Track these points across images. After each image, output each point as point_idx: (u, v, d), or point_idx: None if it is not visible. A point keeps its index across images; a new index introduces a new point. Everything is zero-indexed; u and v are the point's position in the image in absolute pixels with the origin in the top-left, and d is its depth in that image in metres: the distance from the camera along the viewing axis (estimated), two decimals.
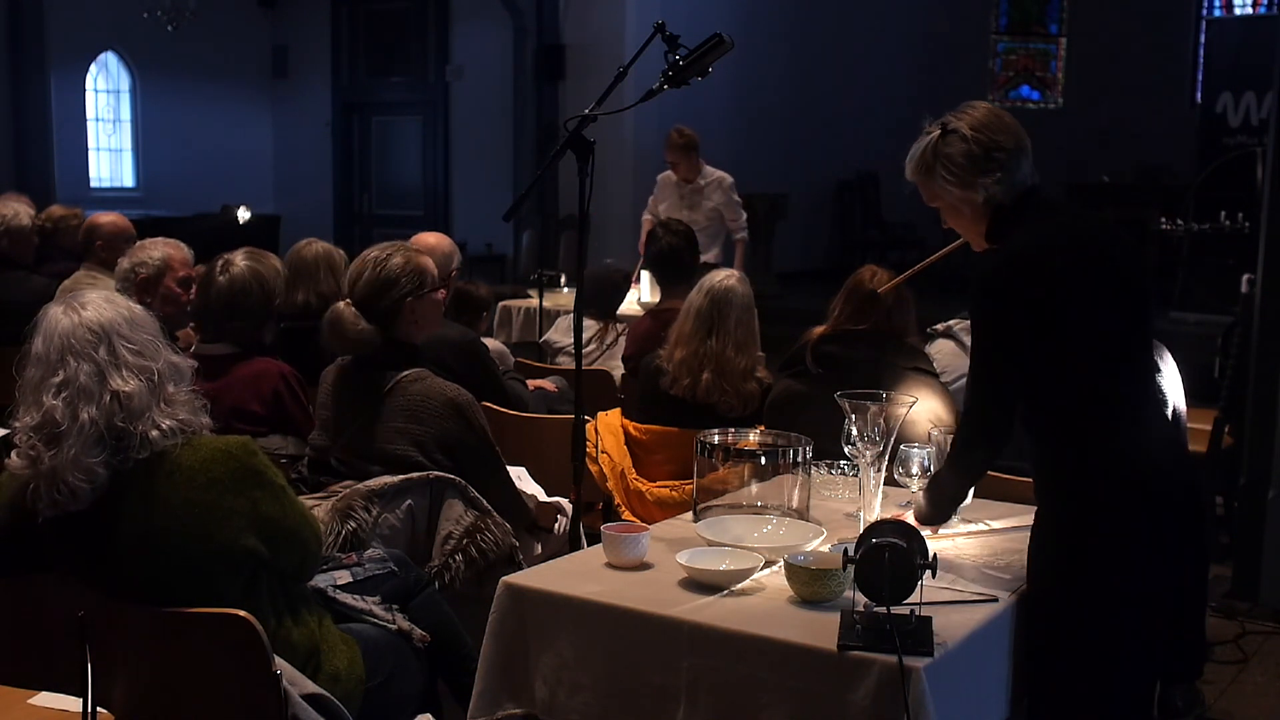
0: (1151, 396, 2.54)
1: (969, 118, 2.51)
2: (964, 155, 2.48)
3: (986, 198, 2.49)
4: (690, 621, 2.28)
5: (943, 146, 2.50)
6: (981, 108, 2.54)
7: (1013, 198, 2.50)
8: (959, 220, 2.58)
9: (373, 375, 3.36)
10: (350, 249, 4.75)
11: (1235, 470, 5.11)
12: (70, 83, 13.06)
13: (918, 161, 2.55)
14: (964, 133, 2.49)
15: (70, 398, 2.25)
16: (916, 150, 2.56)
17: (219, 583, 2.35)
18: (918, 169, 2.56)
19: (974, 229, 2.57)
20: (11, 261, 5.77)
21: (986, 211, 2.52)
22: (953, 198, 2.53)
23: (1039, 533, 2.50)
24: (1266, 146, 5.16)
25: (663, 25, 2.90)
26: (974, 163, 2.48)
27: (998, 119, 2.52)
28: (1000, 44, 17.16)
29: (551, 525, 3.67)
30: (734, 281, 4.05)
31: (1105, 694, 2.43)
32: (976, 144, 2.48)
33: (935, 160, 2.51)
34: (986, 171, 2.48)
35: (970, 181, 2.49)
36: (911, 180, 2.60)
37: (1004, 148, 2.48)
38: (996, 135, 2.49)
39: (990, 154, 2.48)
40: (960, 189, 2.50)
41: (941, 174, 2.51)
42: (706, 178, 7.46)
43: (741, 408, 3.96)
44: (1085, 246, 2.47)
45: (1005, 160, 2.48)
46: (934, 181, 2.54)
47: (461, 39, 13.68)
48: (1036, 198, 2.52)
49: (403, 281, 3.36)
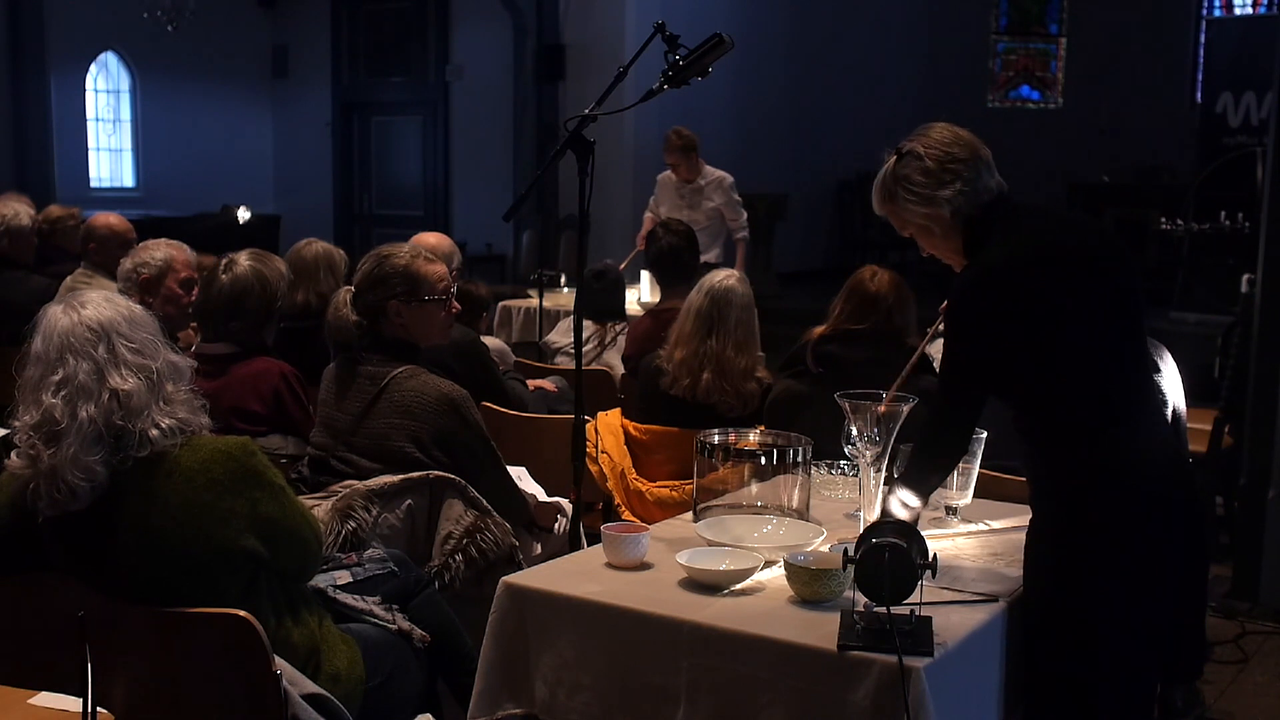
0: (1146, 395, 2.53)
1: (922, 138, 2.53)
2: (920, 172, 2.50)
3: (952, 211, 2.50)
4: (690, 621, 2.28)
5: (900, 169, 2.52)
6: (936, 127, 2.56)
7: (979, 207, 2.50)
8: (932, 242, 2.58)
9: (363, 370, 3.38)
10: (350, 249, 4.77)
11: (1235, 470, 5.11)
12: (70, 83, 13.06)
13: (880, 190, 2.57)
14: (918, 151, 2.51)
15: (69, 396, 2.25)
16: (878, 181, 2.57)
17: (219, 583, 2.35)
18: (882, 198, 2.58)
19: (949, 247, 2.57)
20: (11, 261, 5.78)
21: (957, 225, 2.51)
22: (919, 217, 2.53)
23: (1034, 536, 2.49)
24: (1266, 146, 5.17)
25: (663, 25, 2.90)
26: (930, 177, 2.49)
27: (952, 134, 2.54)
28: (1000, 44, 17.16)
29: (551, 525, 3.68)
30: (734, 281, 4.06)
31: (1104, 695, 2.43)
32: (930, 159, 2.49)
33: (895, 184, 2.53)
34: (945, 184, 2.48)
35: (931, 196, 2.49)
36: (880, 213, 2.62)
37: (959, 159, 2.49)
38: (950, 149, 2.50)
39: (945, 166, 2.49)
40: (923, 206, 2.51)
41: (904, 196, 2.52)
42: (706, 178, 7.46)
43: (741, 408, 3.96)
44: (1062, 251, 2.46)
45: (962, 170, 2.49)
46: (899, 206, 2.55)
47: (461, 39, 13.67)
48: (1006, 205, 2.52)
49: (393, 282, 3.39)
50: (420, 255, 3.48)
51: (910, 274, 3.76)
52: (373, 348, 3.41)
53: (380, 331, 3.40)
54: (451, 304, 3.53)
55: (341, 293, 3.47)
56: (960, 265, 2.58)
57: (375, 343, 3.40)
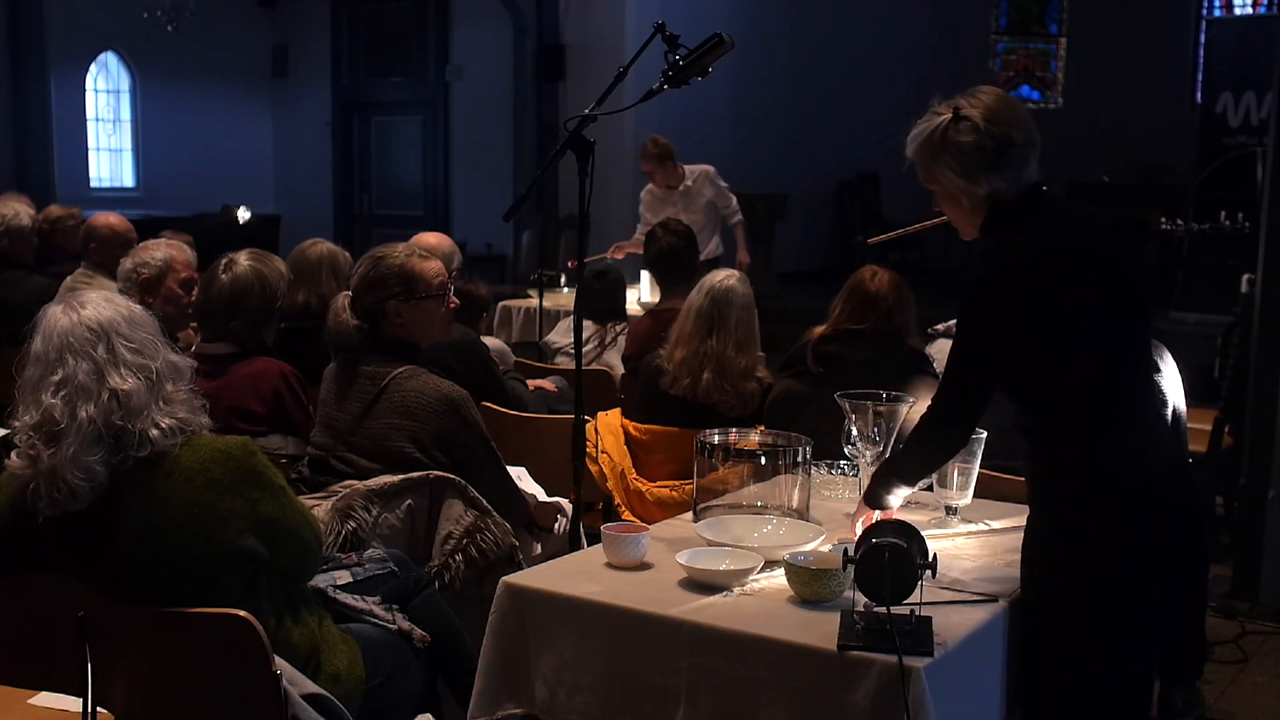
0: (1148, 398, 2.52)
1: (983, 106, 2.39)
2: (975, 148, 2.37)
3: (990, 192, 2.41)
4: (690, 621, 2.28)
5: (953, 133, 2.39)
6: (994, 94, 2.42)
7: (1015, 194, 2.42)
8: (954, 209, 2.49)
9: (363, 371, 3.38)
10: (350, 249, 4.76)
11: (1235, 470, 5.11)
12: (70, 83, 13.05)
13: (923, 142, 2.43)
14: (977, 122, 2.37)
15: (69, 396, 2.25)
16: (923, 130, 2.43)
17: (219, 583, 2.35)
18: (922, 150, 2.44)
19: (969, 219, 2.48)
20: (11, 261, 5.78)
21: (986, 205, 2.43)
22: (954, 186, 2.43)
23: (1032, 535, 2.48)
24: (1266, 146, 5.17)
25: (663, 25, 2.90)
26: (984, 157, 2.38)
27: (1012, 111, 2.41)
28: (1000, 44, 17.16)
29: (551, 525, 3.68)
30: (734, 281, 4.06)
31: (1103, 695, 2.43)
32: (989, 137, 2.37)
33: (943, 146, 2.40)
34: (994, 168, 2.38)
35: (976, 175, 2.40)
36: (912, 159, 2.48)
37: (1016, 143, 2.38)
38: (1010, 129, 2.38)
39: (1001, 149, 2.37)
40: (964, 180, 2.41)
41: (947, 161, 2.40)
42: (691, 177, 7.47)
43: (741, 407, 3.96)
44: (1087, 249, 2.41)
45: (1014, 157, 2.39)
46: (937, 166, 2.43)
47: (461, 39, 13.67)
48: (1039, 196, 2.44)
49: (390, 283, 3.39)
50: (415, 253, 3.48)
51: (910, 274, 3.76)
52: (373, 348, 3.41)
53: (380, 333, 3.40)
54: (450, 299, 3.53)
55: (340, 298, 3.50)
56: (971, 236, 2.50)
57: (375, 343, 3.41)
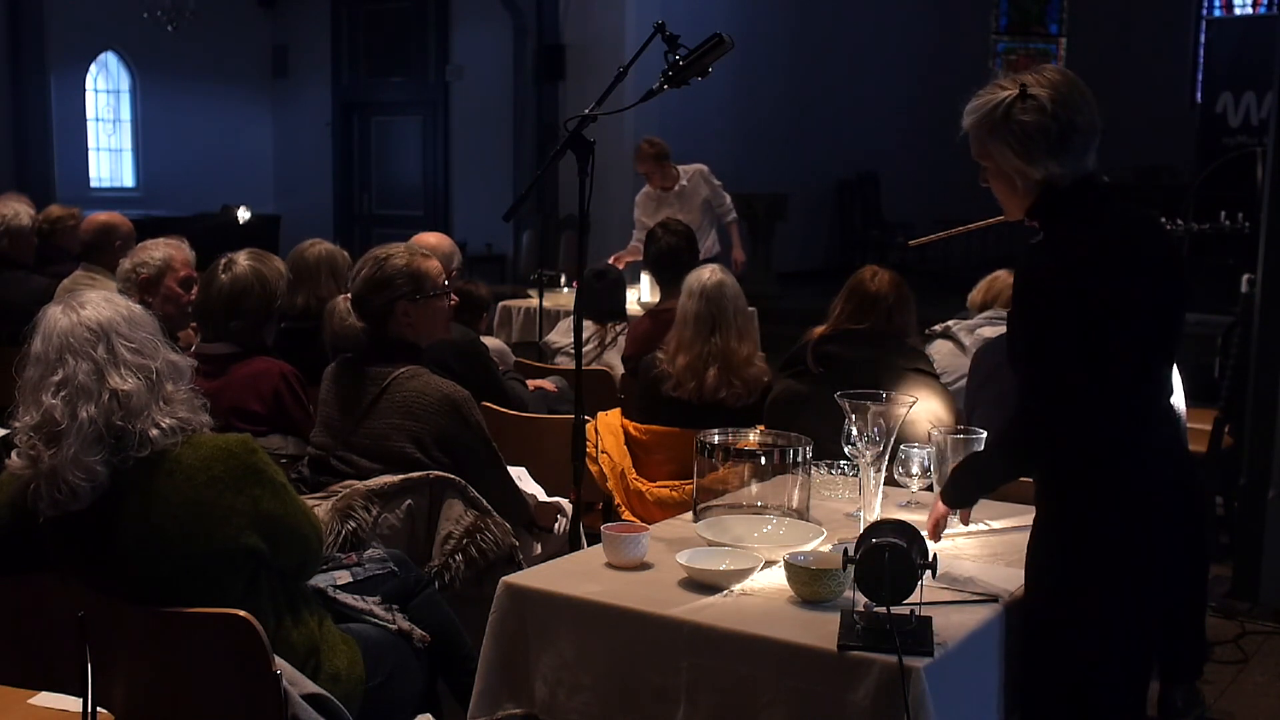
0: (1164, 403, 2.49)
1: (1051, 85, 2.28)
2: (1039, 129, 2.27)
3: (1045, 176, 2.31)
4: (690, 621, 2.28)
5: (1018, 111, 2.28)
6: (1063, 75, 2.33)
7: (1071, 182, 2.31)
8: (1005, 188, 2.38)
9: (365, 371, 3.38)
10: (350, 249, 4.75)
11: (1235, 470, 5.11)
12: (70, 83, 13.05)
13: (984, 116, 2.32)
14: (1044, 103, 2.27)
15: (69, 396, 2.25)
16: (985, 103, 2.32)
17: (219, 582, 2.35)
18: (981, 123, 2.33)
19: (1018, 201, 2.38)
20: (11, 261, 5.77)
21: (1039, 189, 2.33)
22: (1009, 165, 2.32)
23: (1038, 535, 2.47)
24: (1266, 146, 5.16)
25: (663, 25, 2.90)
26: (1048, 139, 2.28)
27: (1080, 94, 2.30)
28: (1000, 44, 17.15)
29: (551, 525, 3.68)
30: (720, 275, 4.09)
31: (1102, 695, 2.43)
32: (1055, 119, 2.27)
33: (1005, 123, 2.29)
34: (1055, 153, 2.29)
35: (1035, 158, 2.29)
36: (967, 130, 2.37)
37: (1080, 129, 2.29)
38: (1076, 115, 2.28)
39: (1066, 135, 2.28)
40: (1022, 161, 2.30)
41: (1007, 139, 2.30)
42: (686, 176, 7.48)
43: (747, 395, 3.97)
44: (1143, 251, 2.33)
45: (1077, 144, 2.29)
46: (994, 142, 2.32)
47: (461, 39, 13.67)
48: (1095, 186, 2.34)
49: (398, 283, 3.38)
50: (417, 253, 3.48)
51: (910, 274, 3.76)
52: (375, 349, 3.40)
53: (384, 333, 3.40)
54: (452, 296, 3.55)
55: (339, 302, 3.47)
56: (1015, 217, 2.42)
57: (377, 344, 3.40)
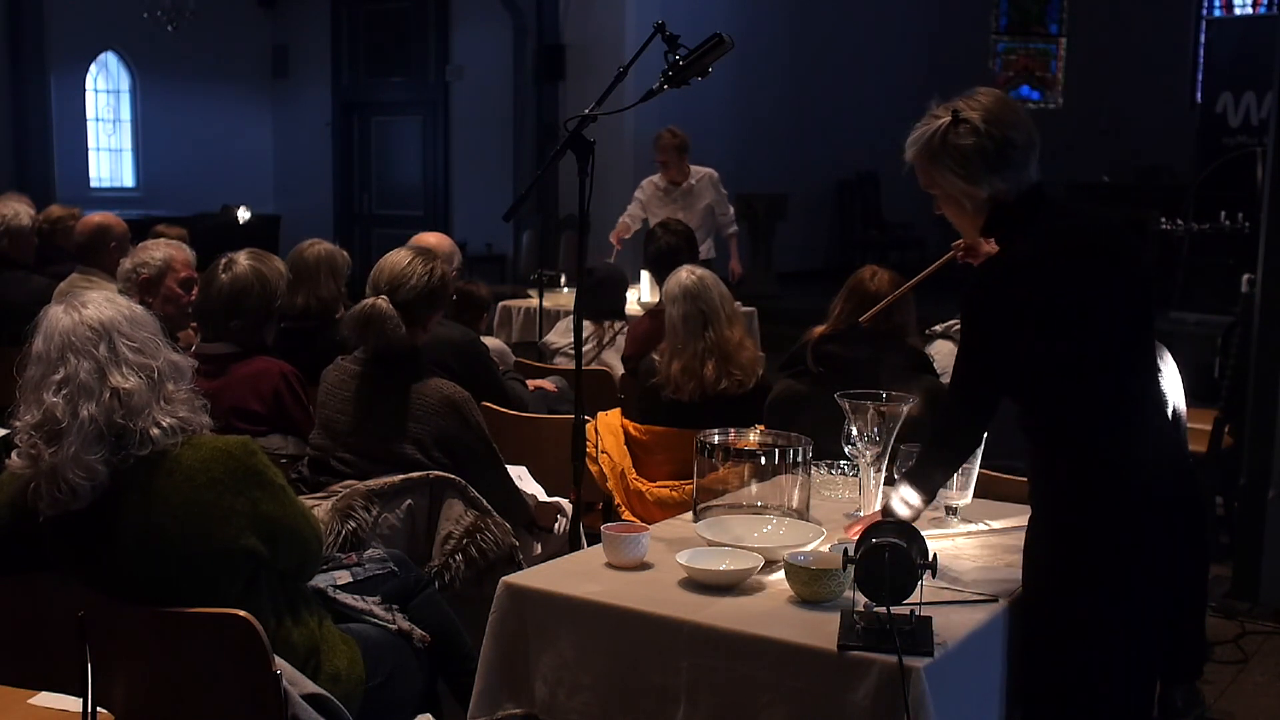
0: (1151, 400, 2.51)
1: (982, 108, 2.38)
2: (976, 150, 2.36)
3: (991, 194, 2.40)
4: (690, 621, 2.28)
5: (953, 136, 2.38)
6: (993, 96, 2.42)
7: (1016, 195, 2.41)
8: (955, 212, 2.48)
9: (362, 370, 3.39)
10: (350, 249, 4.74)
11: (1235, 470, 5.11)
12: (70, 83, 13.05)
13: (923, 146, 2.42)
14: (976, 124, 2.36)
15: (70, 395, 2.26)
16: (923, 134, 2.42)
17: (219, 582, 2.35)
18: (921, 153, 2.43)
19: (970, 222, 2.48)
20: (11, 261, 5.77)
21: (987, 208, 2.42)
22: (955, 189, 2.42)
23: (1033, 535, 2.48)
24: (1266, 146, 5.17)
25: (663, 25, 2.90)
26: (985, 158, 2.37)
27: (1011, 112, 2.40)
28: (1000, 44, 17.17)
29: (551, 525, 3.68)
30: (698, 271, 4.14)
31: (1103, 695, 2.43)
32: (989, 138, 2.36)
33: (943, 149, 2.39)
34: (996, 169, 2.37)
35: (977, 177, 2.39)
36: (911, 162, 2.47)
37: (1017, 145, 2.38)
38: (1010, 131, 2.37)
39: (1003, 150, 2.36)
40: (965, 183, 2.39)
41: (948, 164, 2.39)
42: (695, 177, 7.50)
43: (746, 379, 3.97)
44: (1089, 251, 2.41)
45: (1015, 158, 2.38)
46: (937, 170, 2.42)
47: (461, 39, 13.67)
48: (1040, 197, 2.44)
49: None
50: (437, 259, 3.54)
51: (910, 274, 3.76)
52: (378, 350, 3.40)
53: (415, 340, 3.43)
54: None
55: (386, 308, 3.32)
56: (971, 239, 2.52)
57: (379, 344, 3.39)
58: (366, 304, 3.36)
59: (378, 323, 3.33)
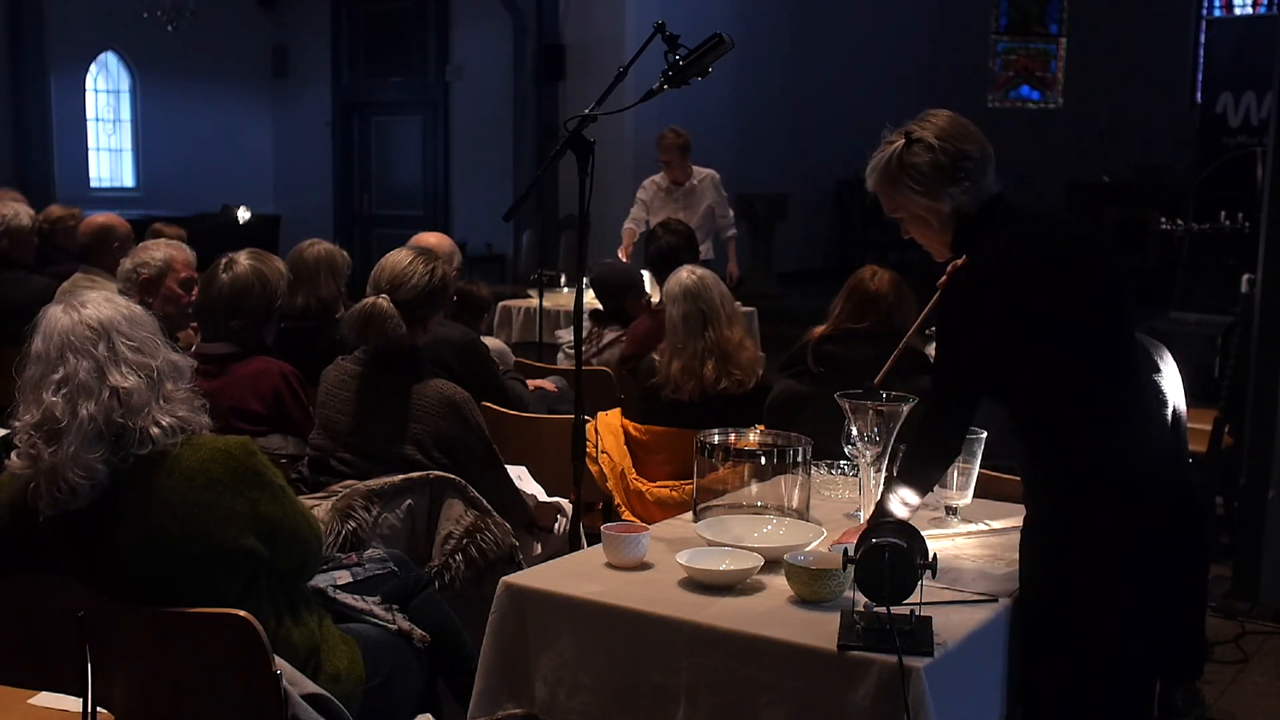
0: (1137, 396, 2.52)
1: (934, 126, 2.47)
2: (931, 165, 2.44)
3: (954, 208, 2.47)
4: (690, 621, 2.28)
5: (908, 156, 2.46)
6: (944, 115, 2.51)
7: (979, 206, 2.47)
8: (923, 231, 2.55)
9: (362, 371, 3.39)
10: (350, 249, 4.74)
11: (1235, 470, 5.11)
12: (70, 83, 13.05)
13: (881, 172, 2.50)
14: (930, 142, 2.44)
15: (70, 394, 2.26)
16: (880, 160, 2.50)
17: (219, 582, 2.35)
18: (881, 179, 2.51)
19: (938, 239, 2.54)
20: (11, 261, 5.77)
21: (953, 221, 2.49)
22: (919, 208, 2.49)
23: (1028, 536, 2.49)
24: (1266, 146, 5.16)
25: (663, 25, 2.90)
26: (941, 172, 2.44)
27: (963, 128, 2.49)
28: (1000, 44, 17.17)
29: (551, 525, 3.68)
30: (698, 271, 4.13)
31: (1101, 694, 2.43)
32: (944, 153, 2.44)
33: (900, 171, 2.47)
34: (954, 180, 2.44)
35: (938, 192, 2.45)
36: (873, 191, 2.56)
37: (971, 156, 2.46)
38: (963, 144, 2.46)
39: (958, 163, 2.44)
40: (927, 199, 2.47)
41: (908, 184, 2.47)
42: (697, 177, 7.51)
43: (746, 379, 3.97)
44: (1051, 256, 2.44)
45: (973, 169, 2.45)
46: (899, 192, 2.49)
47: (461, 39, 13.68)
48: (1002, 205, 2.50)
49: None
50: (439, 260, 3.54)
51: (910, 274, 3.77)
52: (379, 350, 3.40)
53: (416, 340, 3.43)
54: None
55: (387, 308, 3.32)
56: (943, 256, 2.56)
57: (379, 344, 3.40)
58: (367, 303, 3.36)
59: (378, 322, 3.33)
